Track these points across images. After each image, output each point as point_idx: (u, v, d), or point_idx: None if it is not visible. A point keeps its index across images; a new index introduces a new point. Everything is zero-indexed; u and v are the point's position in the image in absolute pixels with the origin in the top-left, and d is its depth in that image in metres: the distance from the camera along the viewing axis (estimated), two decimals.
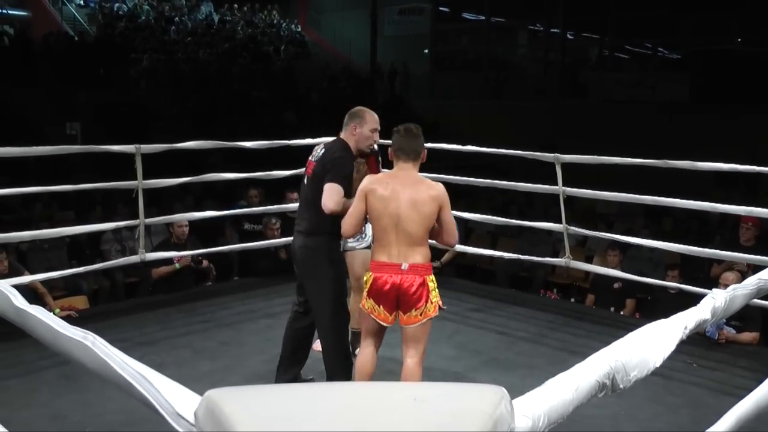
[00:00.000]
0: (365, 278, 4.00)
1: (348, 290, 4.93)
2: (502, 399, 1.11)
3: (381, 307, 3.93)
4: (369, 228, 4.92)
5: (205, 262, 7.48)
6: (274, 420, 1.01)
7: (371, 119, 4.36)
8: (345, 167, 4.22)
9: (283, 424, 1.00)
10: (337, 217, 4.15)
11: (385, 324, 3.99)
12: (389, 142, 4.10)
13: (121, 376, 1.48)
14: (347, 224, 4.00)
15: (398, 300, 3.90)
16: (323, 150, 4.33)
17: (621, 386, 1.55)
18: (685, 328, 1.87)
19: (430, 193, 3.91)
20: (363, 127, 4.32)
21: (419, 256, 3.90)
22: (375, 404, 1.04)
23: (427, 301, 3.90)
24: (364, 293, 3.99)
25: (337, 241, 4.44)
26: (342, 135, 4.37)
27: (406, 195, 3.87)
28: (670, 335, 1.78)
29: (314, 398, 1.05)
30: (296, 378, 4.57)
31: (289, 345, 4.57)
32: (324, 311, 4.34)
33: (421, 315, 3.90)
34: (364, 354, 4.13)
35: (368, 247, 5.10)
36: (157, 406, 1.38)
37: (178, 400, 1.33)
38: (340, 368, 4.41)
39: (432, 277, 3.97)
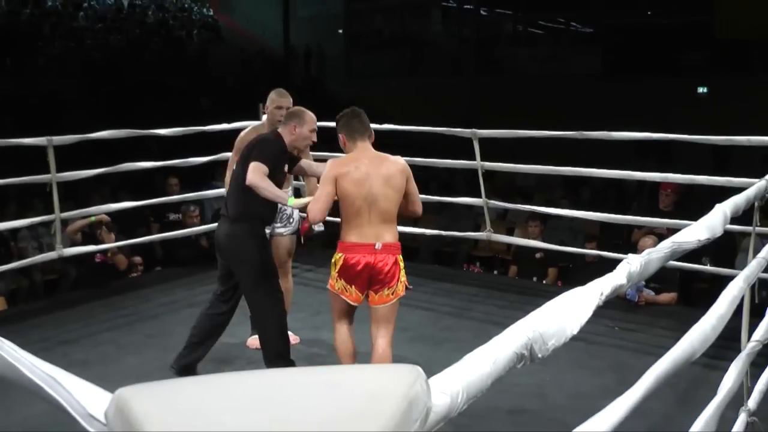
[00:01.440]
0: (333, 259, 4.00)
1: None
2: (417, 378, 1.10)
3: (353, 287, 3.97)
4: (296, 213, 4.91)
5: (134, 258, 7.36)
6: (184, 413, 0.99)
7: (311, 120, 4.39)
8: (271, 148, 4.23)
9: (192, 417, 0.98)
10: (266, 202, 4.18)
11: (355, 304, 4.06)
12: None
13: (30, 379, 1.43)
14: (316, 210, 3.91)
15: (370, 279, 3.95)
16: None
17: (539, 355, 1.57)
18: (601, 294, 1.90)
19: (397, 167, 4.02)
20: (303, 127, 4.33)
21: (391, 234, 3.98)
22: (289, 392, 1.02)
23: (398, 281, 3.98)
24: (334, 273, 3.99)
25: (263, 226, 4.46)
26: (279, 130, 4.39)
27: (378, 173, 3.93)
28: (587, 302, 1.81)
29: (227, 390, 1.03)
30: (192, 368, 4.45)
31: (199, 331, 4.49)
32: (261, 300, 4.36)
33: (392, 294, 3.99)
34: (342, 334, 4.16)
35: (294, 233, 5.09)
36: (69, 408, 1.34)
37: (90, 400, 1.30)
38: (284, 355, 4.41)
39: (401, 256, 4.04)
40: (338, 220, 4.07)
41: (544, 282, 7.30)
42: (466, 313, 5.86)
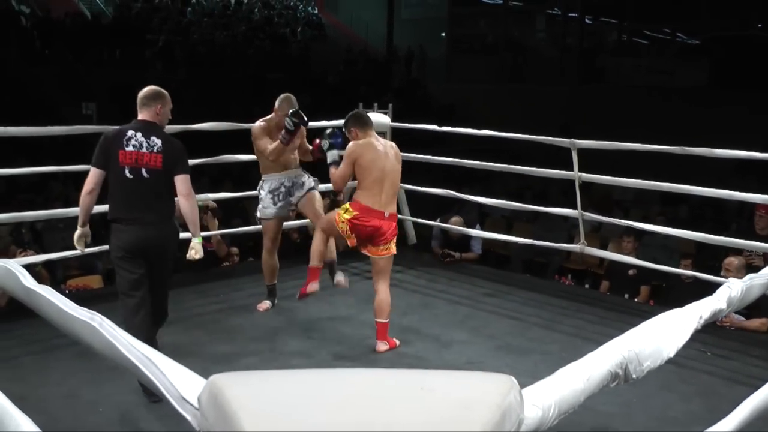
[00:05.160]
0: (347, 207, 5.01)
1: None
2: (511, 389, 1.09)
3: (353, 236, 5.01)
4: (308, 179, 5.83)
5: (232, 249, 7.50)
6: (276, 406, 1.00)
7: (170, 98, 4.54)
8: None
9: (284, 410, 0.98)
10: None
11: (349, 245, 5.16)
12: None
13: (127, 358, 1.47)
14: (339, 184, 5.19)
15: (372, 237, 4.99)
16: (160, 141, 4.33)
17: (634, 376, 1.53)
18: (700, 317, 1.84)
19: (396, 149, 5.19)
20: (166, 107, 4.47)
21: (394, 206, 5.09)
22: (381, 392, 1.02)
23: (392, 240, 5.05)
24: (344, 218, 4.96)
25: None
26: (148, 117, 4.40)
27: (390, 154, 5.05)
28: (685, 325, 1.76)
29: (319, 385, 1.03)
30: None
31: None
32: (169, 284, 4.65)
33: (386, 250, 5.05)
34: (319, 239, 5.18)
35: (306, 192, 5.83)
36: (163, 390, 1.37)
37: (183, 384, 1.32)
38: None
39: (396, 223, 5.13)
40: None
41: (635, 300, 7.12)
42: (554, 325, 5.77)
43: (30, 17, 18.94)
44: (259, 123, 5.73)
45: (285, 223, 6.22)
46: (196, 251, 4.48)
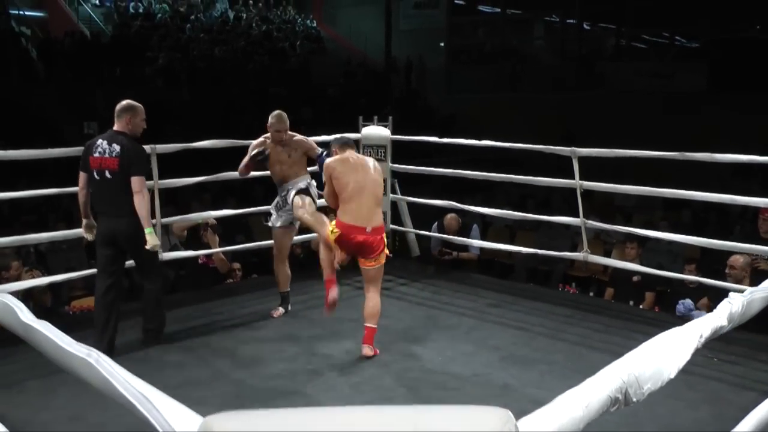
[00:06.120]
0: (332, 228, 5.15)
1: None
2: (506, 423, 1.08)
3: (342, 251, 5.23)
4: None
5: (233, 264, 7.50)
6: None
7: (142, 110, 5.29)
8: (147, 158, 5.46)
9: None
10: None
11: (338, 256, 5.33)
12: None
13: (122, 395, 1.47)
14: (330, 201, 5.31)
15: (359, 251, 5.14)
16: (119, 147, 5.08)
17: (634, 399, 1.52)
18: (701, 336, 1.83)
19: (378, 166, 5.34)
20: (136, 118, 5.24)
21: (378, 218, 5.18)
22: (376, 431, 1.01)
23: (381, 252, 5.18)
24: (332, 236, 5.12)
25: None
26: (118, 128, 5.20)
27: (368, 167, 5.20)
28: (686, 345, 1.75)
29: (313, 425, 1.03)
30: (112, 342, 5.05)
31: (102, 315, 5.15)
32: (154, 270, 5.45)
33: (375, 262, 5.18)
34: (327, 253, 5.34)
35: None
36: (158, 428, 1.36)
37: (179, 422, 1.31)
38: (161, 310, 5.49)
39: (384, 235, 5.26)
40: None
41: (640, 306, 7.10)
42: (559, 334, 5.75)
43: (30, 38, 19.01)
44: (259, 139, 6.10)
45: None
46: (148, 242, 5.11)
